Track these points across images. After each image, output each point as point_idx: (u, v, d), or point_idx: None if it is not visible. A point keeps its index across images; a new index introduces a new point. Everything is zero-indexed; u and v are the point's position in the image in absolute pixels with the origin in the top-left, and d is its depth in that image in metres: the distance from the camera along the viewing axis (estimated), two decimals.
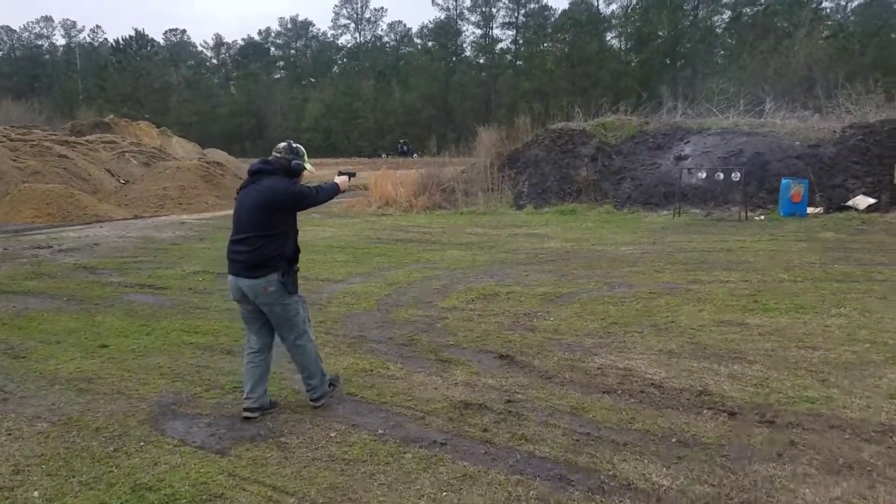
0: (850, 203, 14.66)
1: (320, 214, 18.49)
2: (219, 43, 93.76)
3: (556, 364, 5.18)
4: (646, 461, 3.53)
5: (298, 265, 4.22)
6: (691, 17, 70.23)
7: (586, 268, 9.51)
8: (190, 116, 75.94)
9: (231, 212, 4.43)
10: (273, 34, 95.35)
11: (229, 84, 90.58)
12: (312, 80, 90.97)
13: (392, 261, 10.47)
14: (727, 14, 69.37)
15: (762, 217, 15.00)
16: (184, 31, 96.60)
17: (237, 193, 4.24)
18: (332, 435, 3.91)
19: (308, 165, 4.23)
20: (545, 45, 74.65)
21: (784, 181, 15.15)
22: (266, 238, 4.01)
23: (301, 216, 4.35)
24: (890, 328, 5.82)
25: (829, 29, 49.33)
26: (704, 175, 16.06)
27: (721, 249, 10.74)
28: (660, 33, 69.21)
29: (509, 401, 4.42)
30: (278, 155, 4.18)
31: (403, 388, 4.71)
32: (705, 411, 4.17)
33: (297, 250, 4.22)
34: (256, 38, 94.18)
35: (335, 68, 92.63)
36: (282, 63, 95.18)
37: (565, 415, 4.17)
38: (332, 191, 4.27)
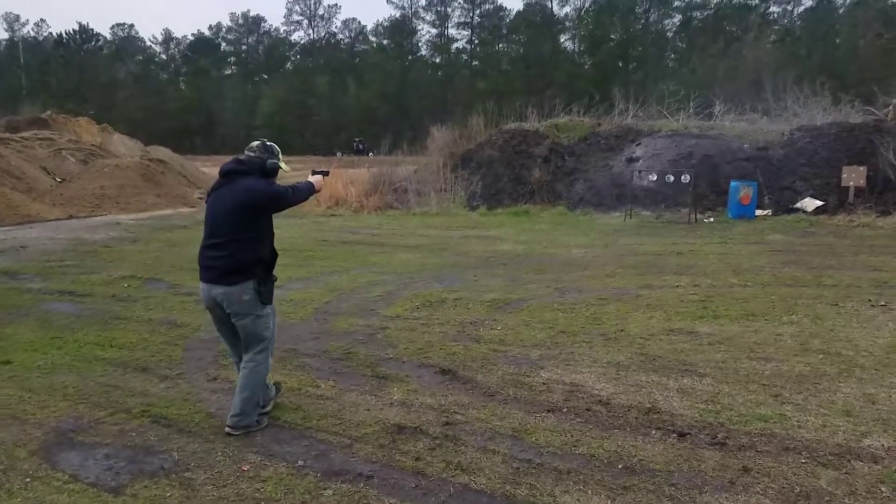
0: (798, 205, 14.81)
1: None
2: (168, 38, 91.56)
3: (501, 379, 4.86)
4: (589, 492, 3.23)
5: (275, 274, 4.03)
6: (643, 21, 71.34)
7: (537, 272, 9.26)
8: (137, 112, 73.75)
9: (169, 211, 4.01)
10: (224, 29, 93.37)
11: (179, 80, 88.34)
12: (265, 76, 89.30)
13: (337, 264, 10.04)
14: (678, 18, 70.73)
15: (711, 219, 15.04)
16: (131, 26, 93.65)
17: (207, 195, 4.05)
18: (245, 469, 3.50)
19: (283, 164, 4.05)
20: (500, 45, 74.82)
21: (733, 183, 15.22)
22: (243, 242, 3.81)
23: None
24: (842, 337, 5.68)
25: (776, 33, 50.60)
26: (655, 177, 16.05)
27: (671, 253, 10.63)
28: (612, 36, 70.08)
29: (447, 423, 4.08)
30: (252, 154, 3.97)
31: (333, 409, 4.33)
32: (654, 432, 3.90)
33: (274, 255, 4.03)
34: (207, 33, 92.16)
35: (288, 65, 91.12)
36: (233, 59, 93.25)
37: (506, 438, 3.85)
38: (308, 191, 4.12)
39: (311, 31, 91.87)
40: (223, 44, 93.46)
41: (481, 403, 4.39)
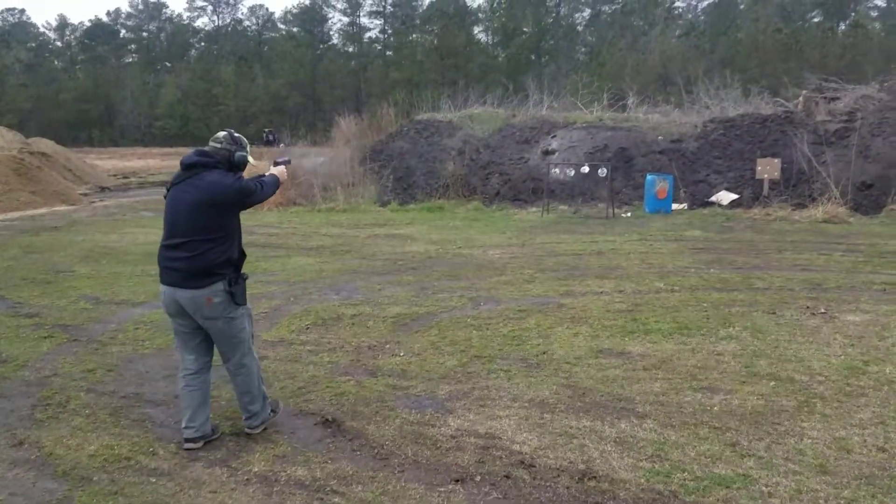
0: (713, 199, 14.54)
1: (152, 212, 16.14)
2: (63, 24, 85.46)
3: (398, 432, 3.85)
4: None
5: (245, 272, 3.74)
6: (554, 14, 71.90)
7: (450, 277, 8.31)
8: (27, 102, 68.34)
9: (43, 210, 2.80)
10: (123, 15, 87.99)
11: (75, 68, 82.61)
12: (168, 64, 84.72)
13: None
14: (587, 12, 71.69)
15: (629, 214, 14.57)
16: (22, 11, 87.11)
17: (167, 190, 3.70)
18: None
19: (251, 158, 3.78)
20: (414, 35, 73.64)
21: (649, 177, 14.81)
22: (210, 242, 3.54)
23: (125, 216, 2.77)
24: (790, 356, 4.99)
25: (681, 28, 51.85)
26: (573, 172, 15.46)
27: (592, 252, 9.92)
28: (525, 29, 70.21)
29: None
30: (218, 146, 3.69)
31: (162, 496, 3.18)
32: None
33: (242, 255, 3.77)
34: (105, 19, 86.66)
35: (192, 52, 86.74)
36: (133, 46, 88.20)
37: None
38: (275, 184, 3.87)
39: (215, 18, 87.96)
40: (122, 30, 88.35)
41: (369, 474, 3.36)
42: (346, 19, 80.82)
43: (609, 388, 4.45)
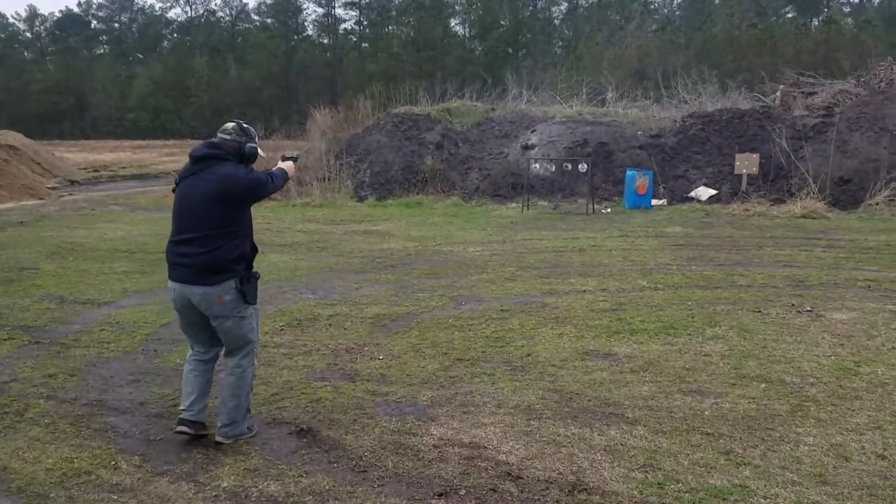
0: (692, 194, 14.52)
1: (122, 207, 15.73)
2: (32, 14, 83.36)
3: (377, 441, 3.65)
4: None
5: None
6: (531, 8, 71.74)
7: (430, 275, 8.11)
8: None
9: (10, 205, 2.65)
10: (94, 6, 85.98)
11: (45, 60, 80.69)
12: (140, 56, 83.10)
13: None
14: (564, 5, 71.66)
15: (609, 210, 14.49)
16: None
17: (175, 184, 3.60)
18: None
19: (260, 149, 3.69)
20: (390, 27, 73.02)
21: (629, 172, 14.73)
22: (222, 237, 3.45)
23: (94, 210, 2.55)
24: (779, 356, 4.88)
25: (656, 22, 52.04)
26: (554, 168, 15.33)
27: (573, 249, 9.78)
28: (502, 22, 69.93)
29: None
30: (227, 137, 3.59)
31: None
32: None
33: (254, 250, 3.70)
34: (76, 10, 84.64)
35: (165, 44, 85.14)
36: (104, 37, 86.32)
37: None
38: (284, 178, 3.79)
39: (188, 9, 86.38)
40: (94, 21, 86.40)
41: (346, 489, 3.15)
42: (320, 10, 79.74)
43: (596, 392, 4.30)
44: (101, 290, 7.38)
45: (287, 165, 3.88)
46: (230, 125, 3.67)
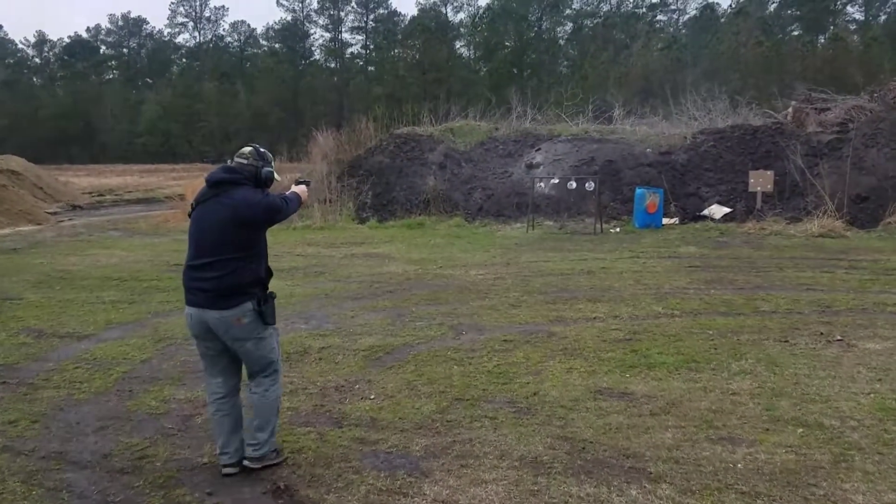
0: (705, 212, 14.05)
1: (120, 232, 15.40)
2: (41, 40, 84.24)
3: (363, 503, 3.19)
4: None
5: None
6: (536, 28, 71.89)
7: (429, 301, 7.67)
8: (5, 119, 67.23)
9: (7, 231, 2.40)
10: (103, 31, 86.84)
11: (54, 85, 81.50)
12: (149, 80, 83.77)
13: (180, 298, 8.01)
14: (569, 26, 71.75)
15: (617, 229, 14.04)
16: (0, 27, 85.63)
17: (191, 209, 3.58)
18: None
19: (276, 174, 3.68)
20: (396, 51, 73.32)
21: (638, 190, 14.30)
22: (239, 261, 3.44)
23: (91, 236, 2.13)
24: (814, 394, 4.40)
25: (663, 41, 51.92)
26: (558, 183, 14.92)
27: (582, 272, 9.33)
28: (507, 43, 70.08)
29: None
30: (244, 161, 3.58)
31: None
32: None
33: (269, 273, 3.69)
34: (84, 35, 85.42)
35: (173, 68, 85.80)
36: (113, 62, 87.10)
37: None
38: (298, 202, 3.77)
39: (196, 34, 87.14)
40: (102, 47, 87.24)
41: None
42: (327, 35, 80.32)
43: (613, 439, 3.82)
44: (82, 323, 6.97)
45: (300, 189, 3.85)
46: (247, 149, 3.65)
